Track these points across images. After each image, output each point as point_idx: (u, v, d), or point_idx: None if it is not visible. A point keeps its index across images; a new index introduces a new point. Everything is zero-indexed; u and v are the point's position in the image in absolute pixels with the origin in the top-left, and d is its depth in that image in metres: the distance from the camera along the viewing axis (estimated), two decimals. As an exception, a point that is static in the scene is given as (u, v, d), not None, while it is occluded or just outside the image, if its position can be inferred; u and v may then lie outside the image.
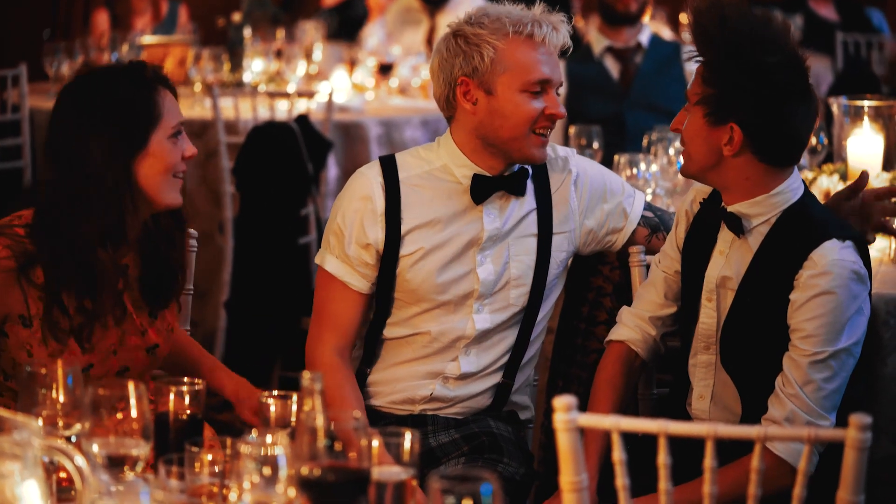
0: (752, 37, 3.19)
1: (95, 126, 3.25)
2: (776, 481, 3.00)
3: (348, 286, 3.56)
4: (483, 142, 3.52)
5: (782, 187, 3.26)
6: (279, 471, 2.31)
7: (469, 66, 3.48)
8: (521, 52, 3.47)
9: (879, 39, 9.88)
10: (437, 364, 3.60)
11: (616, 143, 6.09)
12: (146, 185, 3.29)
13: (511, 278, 3.58)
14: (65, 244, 3.24)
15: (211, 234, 6.98)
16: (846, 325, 3.15)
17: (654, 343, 3.54)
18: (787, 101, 3.19)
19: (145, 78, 3.34)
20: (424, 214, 3.55)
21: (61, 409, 2.55)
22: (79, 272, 3.25)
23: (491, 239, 3.56)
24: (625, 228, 3.69)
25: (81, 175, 3.25)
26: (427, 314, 3.58)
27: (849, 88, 6.41)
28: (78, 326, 3.27)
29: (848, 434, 2.44)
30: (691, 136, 3.27)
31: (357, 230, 3.54)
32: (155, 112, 3.31)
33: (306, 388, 2.40)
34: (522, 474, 3.54)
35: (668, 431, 2.48)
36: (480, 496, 2.06)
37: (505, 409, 3.67)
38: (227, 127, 6.93)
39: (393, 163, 3.59)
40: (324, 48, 8.89)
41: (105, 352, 3.33)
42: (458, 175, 3.56)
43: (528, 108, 3.48)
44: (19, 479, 2.04)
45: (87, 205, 3.24)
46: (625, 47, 6.69)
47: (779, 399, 3.18)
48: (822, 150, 4.99)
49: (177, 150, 3.33)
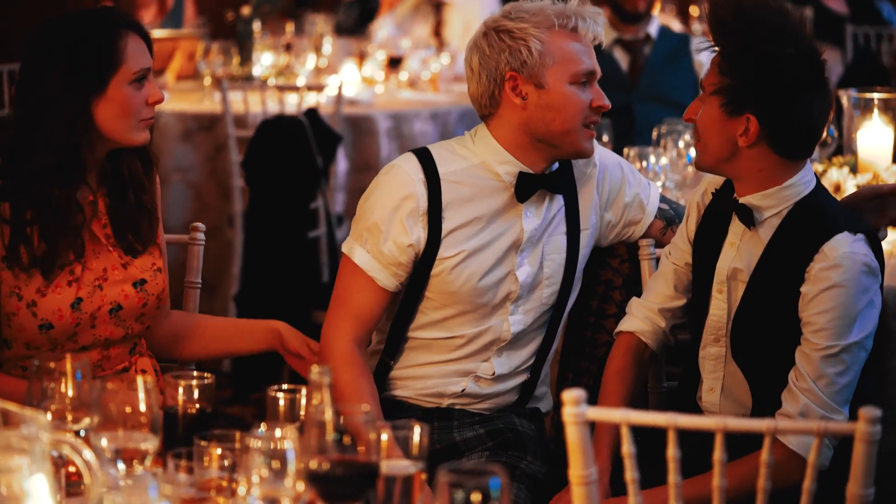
0: (770, 28, 3.18)
1: (53, 64, 3.28)
2: (790, 474, 3.00)
3: (375, 281, 3.47)
4: (531, 137, 3.46)
5: (794, 180, 3.25)
6: (288, 465, 2.31)
7: (517, 61, 3.41)
8: (566, 44, 3.43)
9: (889, 32, 9.85)
10: (469, 365, 3.56)
11: (625, 134, 6.09)
12: (105, 128, 3.32)
13: (544, 277, 3.55)
14: (23, 178, 3.29)
15: (220, 227, 6.99)
16: (857, 319, 3.14)
17: (663, 335, 3.53)
18: (804, 94, 3.19)
19: (110, 22, 3.35)
20: (465, 214, 3.47)
21: (70, 403, 2.54)
22: (35, 205, 3.29)
23: (530, 240, 3.51)
24: (643, 220, 3.67)
25: (38, 111, 3.29)
26: (462, 317, 3.52)
27: (859, 81, 6.39)
28: (41, 254, 3.30)
29: (857, 427, 2.44)
30: (706, 126, 3.26)
31: (397, 229, 3.44)
32: (115, 57, 3.31)
33: (315, 382, 2.40)
34: (545, 473, 3.52)
35: (678, 425, 2.48)
36: (489, 490, 2.05)
37: (529, 406, 3.66)
38: (237, 121, 6.94)
39: (430, 157, 3.49)
40: (333, 42, 8.89)
41: (90, 285, 3.36)
42: (500, 172, 3.48)
43: (579, 100, 3.43)
44: (27, 474, 2.04)
45: (42, 139, 3.28)
46: (634, 39, 6.68)
47: (792, 394, 3.17)
48: (832, 142, 4.98)
49: (139, 95, 3.34)
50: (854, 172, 4.47)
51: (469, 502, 2.05)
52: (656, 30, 6.71)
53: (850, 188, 4.34)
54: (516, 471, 3.45)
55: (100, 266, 3.39)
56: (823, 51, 3.23)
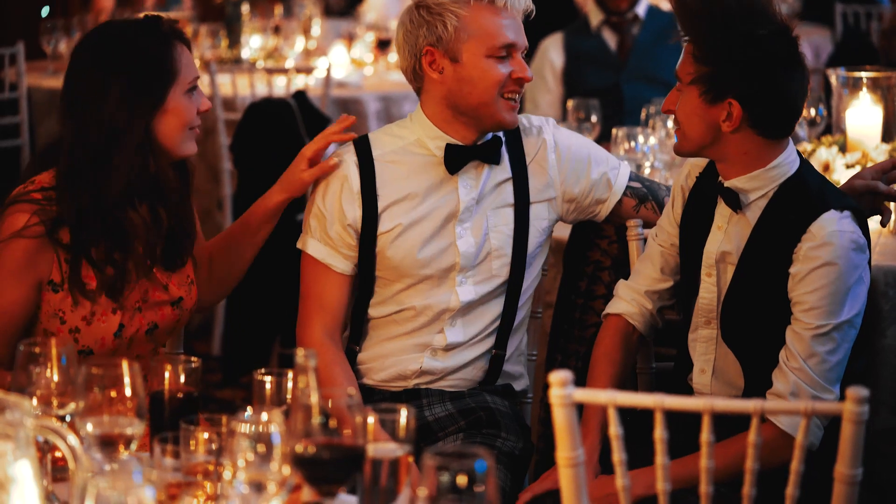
0: (741, 10, 3.18)
1: (114, 83, 3.24)
2: (779, 453, 3.00)
3: (332, 268, 3.57)
4: (454, 111, 3.53)
5: (779, 160, 3.25)
6: (273, 448, 2.30)
7: (433, 36, 3.49)
8: (484, 18, 3.48)
9: (879, 10, 9.84)
10: (423, 337, 3.60)
11: (614, 114, 6.08)
12: (165, 141, 3.30)
13: (492, 249, 3.59)
14: (91, 203, 3.24)
15: (210, 210, 6.98)
16: (848, 296, 3.14)
17: (650, 317, 3.53)
18: (782, 71, 3.19)
19: (162, 32, 3.32)
20: (400, 190, 3.56)
21: (55, 387, 2.53)
22: (107, 229, 3.26)
23: (468, 210, 3.56)
24: (609, 199, 3.67)
25: (102, 133, 3.24)
26: (411, 290, 3.59)
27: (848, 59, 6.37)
28: (110, 280, 3.28)
29: (845, 407, 2.44)
30: (687, 116, 3.25)
31: (337, 211, 3.55)
32: (173, 68, 3.29)
33: (300, 366, 2.40)
34: (521, 448, 3.54)
35: (665, 406, 2.47)
36: (475, 473, 2.05)
37: (500, 383, 3.67)
38: (225, 103, 6.93)
39: (366, 142, 3.62)
40: (322, 24, 8.87)
41: (131, 309, 3.34)
42: (431, 147, 3.56)
43: (496, 72, 3.48)
44: (12, 459, 2.03)
45: (111, 163, 3.24)
46: (622, 19, 6.67)
47: (783, 373, 3.17)
48: (821, 121, 4.98)
49: (192, 105, 3.34)
50: (843, 151, 4.47)
51: (455, 484, 2.04)
52: (644, 10, 6.71)
53: (840, 167, 4.34)
54: (492, 449, 3.46)
55: (142, 287, 3.36)
56: (795, 27, 3.23)
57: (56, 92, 6.84)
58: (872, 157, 4.39)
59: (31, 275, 3.27)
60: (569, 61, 6.63)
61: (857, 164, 4.35)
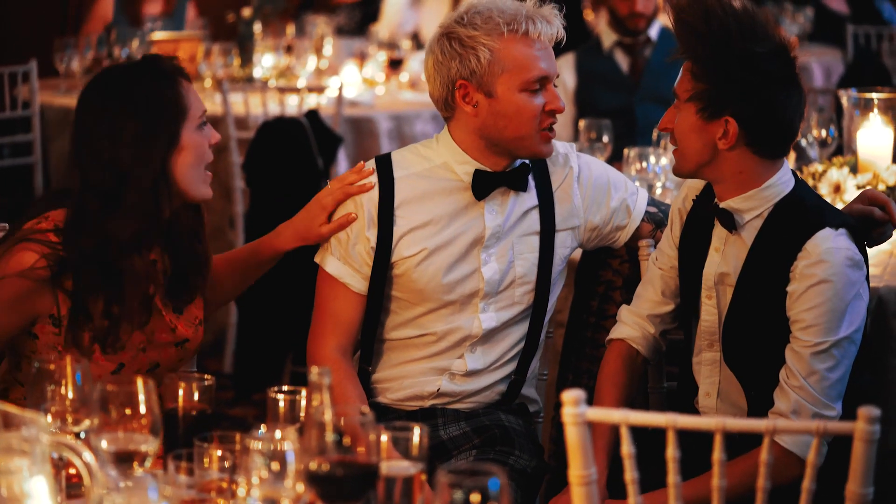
0: (739, 29, 3.19)
1: (125, 126, 3.22)
2: (784, 472, 3.01)
3: (349, 287, 3.55)
4: (487, 141, 3.50)
5: (773, 180, 3.25)
6: (288, 466, 2.31)
7: (466, 70, 3.44)
8: (517, 50, 3.43)
9: (890, 31, 9.86)
10: (443, 362, 3.59)
11: (626, 135, 6.09)
12: (181, 180, 3.28)
13: (516, 277, 3.57)
14: (96, 248, 3.22)
15: (221, 228, 6.99)
16: (846, 313, 3.14)
17: (654, 340, 3.53)
18: (779, 90, 3.20)
19: (166, 71, 3.30)
20: (425, 213, 3.53)
21: (70, 405, 2.54)
22: (107, 277, 3.23)
23: (494, 236, 3.54)
24: (628, 225, 3.67)
25: (115, 176, 3.22)
26: (432, 314, 3.56)
27: (859, 81, 6.40)
28: (103, 332, 3.25)
29: (857, 426, 2.44)
30: (685, 133, 3.27)
31: (357, 230, 3.53)
32: (183, 105, 3.28)
33: (314, 383, 2.41)
34: (534, 467, 3.53)
35: (677, 425, 2.48)
36: (488, 491, 2.06)
37: (515, 402, 3.67)
38: (238, 122, 6.94)
39: (388, 161, 3.57)
40: (334, 43, 8.89)
41: (134, 349, 3.32)
42: (459, 172, 3.53)
43: (531, 106, 3.44)
44: (27, 475, 2.04)
45: (123, 207, 3.23)
46: (634, 41, 6.69)
47: (784, 392, 3.17)
48: (832, 142, 4.98)
49: (204, 139, 3.32)
50: (854, 172, 4.48)
51: (469, 502, 2.05)
52: (657, 31, 6.72)
53: (851, 188, 4.34)
54: (504, 467, 3.45)
55: (149, 329, 3.34)
56: (794, 46, 3.24)
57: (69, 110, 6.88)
58: (883, 178, 4.40)
59: (27, 309, 3.24)
60: (581, 82, 6.64)
61: (867, 185, 4.36)
